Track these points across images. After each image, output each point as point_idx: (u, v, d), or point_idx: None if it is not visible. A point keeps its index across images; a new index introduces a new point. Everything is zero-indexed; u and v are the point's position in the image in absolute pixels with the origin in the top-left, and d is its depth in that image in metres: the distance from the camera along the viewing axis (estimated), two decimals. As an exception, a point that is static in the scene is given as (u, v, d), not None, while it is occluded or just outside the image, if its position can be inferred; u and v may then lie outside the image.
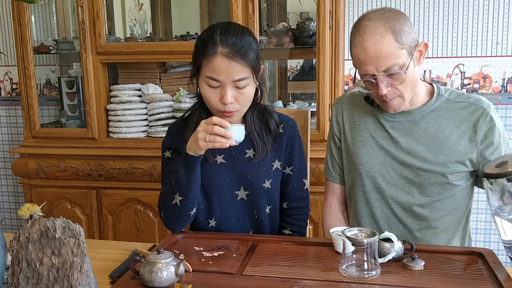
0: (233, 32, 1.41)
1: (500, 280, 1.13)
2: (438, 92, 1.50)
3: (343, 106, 1.61)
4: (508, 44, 2.57)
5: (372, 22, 1.36)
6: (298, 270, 1.22)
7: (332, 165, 1.65)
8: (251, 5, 2.38)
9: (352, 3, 2.66)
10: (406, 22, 1.38)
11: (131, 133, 2.65)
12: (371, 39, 1.35)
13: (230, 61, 1.38)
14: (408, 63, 1.36)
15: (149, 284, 1.14)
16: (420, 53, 1.42)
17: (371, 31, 1.35)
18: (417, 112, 1.48)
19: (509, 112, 2.64)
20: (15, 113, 3.21)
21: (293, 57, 2.92)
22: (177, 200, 1.43)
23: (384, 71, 1.36)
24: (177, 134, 1.53)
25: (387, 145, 1.51)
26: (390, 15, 1.37)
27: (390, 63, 1.35)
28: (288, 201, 1.60)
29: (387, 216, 1.53)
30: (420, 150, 1.47)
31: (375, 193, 1.53)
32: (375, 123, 1.53)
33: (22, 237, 1.07)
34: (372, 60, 1.35)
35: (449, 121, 1.47)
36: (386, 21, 1.35)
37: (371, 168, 1.52)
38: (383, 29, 1.34)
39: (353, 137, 1.57)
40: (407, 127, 1.49)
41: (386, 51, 1.34)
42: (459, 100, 1.49)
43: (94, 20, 2.55)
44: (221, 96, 1.40)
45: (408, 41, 1.36)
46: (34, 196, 2.73)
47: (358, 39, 1.38)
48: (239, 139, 1.36)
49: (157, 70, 2.74)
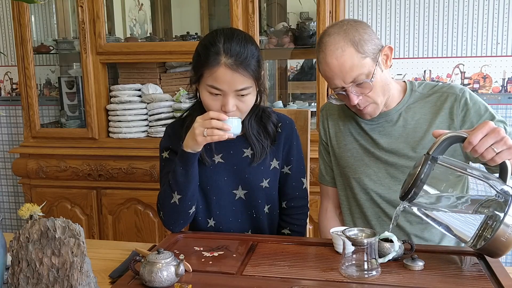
0: (237, 42, 1.39)
1: (500, 280, 1.13)
2: (411, 88, 1.52)
3: (328, 112, 1.65)
4: (508, 44, 2.57)
5: (332, 37, 1.39)
6: (298, 270, 1.22)
7: (325, 169, 1.68)
8: (251, 5, 2.38)
9: (352, 3, 2.66)
10: (366, 31, 1.40)
11: (131, 133, 2.65)
12: (333, 55, 1.38)
13: (233, 73, 1.36)
14: (373, 71, 1.39)
15: (149, 284, 1.14)
16: (386, 57, 1.44)
17: (332, 46, 1.38)
18: (393, 112, 1.51)
19: (509, 112, 2.64)
20: (15, 113, 3.22)
21: (293, 57, 2.92)
22: (176, 198, 1.44)
23: (351, 82, 1.39)
24: (174, 135, 1.53)
25: (369, 146, 1.54)
26: (348, 27, 1.40)
27: (355, 74, 1.38)
28: (287, 200, 1.60)
29: (378, 216, 1.55)
30: (401, 148, 1.49)
31: (364, 194, 1.55)
32: (357, 127, 1.57)
33: (22, 237, 1.07)
34: (338, 74, 1.39)
35: (426, 115, 1.49)
36: (345, 34, 1.38)
37: (357, 170, 1.55)
38: (343, 42, 1.37)
39: (338, 141, 1.60)
40: (385, 127, 1.52)
41: (349, 64, 1.37)
42: (433, 92, 1.51)
43: (94, 20, 2.55)
44: (223, 105, 1.40)
45: (370, 48, 1.39)
46: (34, 196, 2.73)
47: (321, 56, 1.41)
48: (237, 132, 1.37)
49: (157, 70, 2.74)
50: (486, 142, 1.10)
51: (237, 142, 1.52)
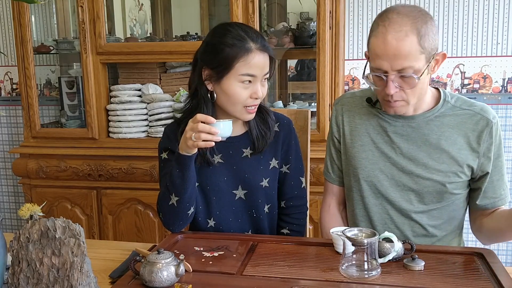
0: (252, 29, 1.49)
1: (500, 280, 1.13)
2: (444, 98, 1.45)
3: (343, 107, 1.57)
4: (508, 44, 2.57)
5: (400, 17, 1.30)
6: (298, 270, 1.23)
7: (331, 166, 1.63)
8: (251, 5, 2.38)
9: (352, 3, 2.66)
10: (433, 28, 1.32)
11: (131, 133, 2.65)
12: (395, 34, 1.28)
13: (264, 55, 1.44)
14: (423, 70, 1.31)
15: (149, 284, 1.14)
16: (436, 62, 1.37)
17: (397, 26, 1.29)
18: (420, 118, 1.44)
19: (509, 112, 2.64)
20: (15, 113, 3.22)
21: (293, 57, 2.92)
22: (174, 200, 1.44)
23: (397, 71, 1.31)
24: (172, 135, 1.53)
25: (387, 150, 1.47)
26: (419, 15, 1.31)
27: (407, 65, 1.29)
28: (286, 199, 1.61)
29: (385, 222, 1.50)
30: (421, 157, 1.44)
31: (373, 198, 1.51)
32: (376, 127, 1.49)
33: (22, 237, 1.07)
34: (389, 56, 1.29)
35: (452, 129, 1.43)
36: (414, 20, 1.29)
37: (370, 173, 1.49)
38: (409, 27, 1.28)
39: (353, 140, 1.53)
40: (409, 132, 1.45)
41: (406, 51, 1.28)
42: (465, 107, 1.44)
43: (94, 20, 2.55)
44: (254, 92, 1.44)
45: (430, 47, 1.31)
46: (34, 196, 2.73)
47: (381, 30, 1.31)
48: (226, 134, 1.35)
49: (157, 70, 2.74)
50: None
51: (236, 142, 1.52)
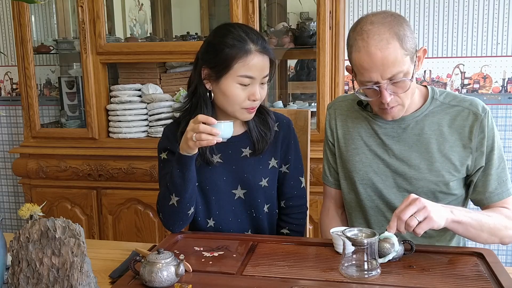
0: (254, 30, 1.48)
1: (500, 280, 1.13)
2: (432, 95, 1.45)
3: (336, 111, 1.58)
4: (508, 44, 2.57)
5: (376, 26, 1.29)
6: (298, 270, 1.22)
7: (328, 170, 1.63)
8: (251, 5, 2.38)
9: (352, 3, 2.66)
10: (409, 27, 1.32)
11: (131, 133, 2.65)
12: (377, 45, 1.27)
13: (264, 57, 1.43)
14: (412, 70, 1.32)
15: (149, 284, 1.14)
16: (419, 59, 1.37)
17: (376, 36, 1.28)
18: (410, 118, 1.44)
19: (509, 112, 2.64)
20: (15, 113, 3.22)
21: (293, 57, 2.92)
22: (174, 200, 1.44)
23: (389, 79, 1.30)
24: (172, 136, 1.53)
25: (380, 152, 1.47)
26: (392, 19, 1.31)
27: (396, 71, 1.29)
28: (285, 199, 1.61)
29: (382, 224, 1.50)
30: (413, 158, 1.43)
31: (369, 201, 1.50)
32: (368, 130, 1.50)
33: (22, 237, 1.07)
34: (378, 67, 1.29)
35: (443, 127, 1.42)
36: (390, 26, 1.29)
37: (364, 176, 1.49)
38: (388, 34, 1.28)
39: (346, 144, 1.53)
40: (399, 133, 1.45)
41: (392, 58, 1.27)
42: (454, 103, 1.43)
43: (94, 20, 2.55)
44: (252, 93, 1.44)
45: (411, 47, 1.31)
46: (34, 196, 2.73)
47: (361, 44, 1.30)
48: (227, 136, 1.35)
49: (157, 70, 2.74)
50: (409, 210, 1.20)
51: (235, 142, 1.52)
